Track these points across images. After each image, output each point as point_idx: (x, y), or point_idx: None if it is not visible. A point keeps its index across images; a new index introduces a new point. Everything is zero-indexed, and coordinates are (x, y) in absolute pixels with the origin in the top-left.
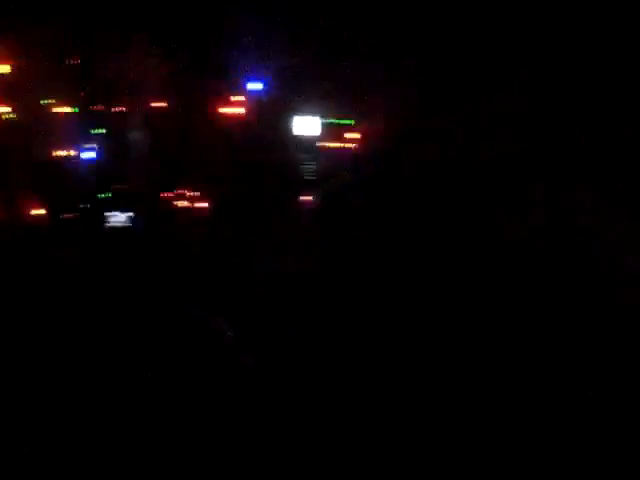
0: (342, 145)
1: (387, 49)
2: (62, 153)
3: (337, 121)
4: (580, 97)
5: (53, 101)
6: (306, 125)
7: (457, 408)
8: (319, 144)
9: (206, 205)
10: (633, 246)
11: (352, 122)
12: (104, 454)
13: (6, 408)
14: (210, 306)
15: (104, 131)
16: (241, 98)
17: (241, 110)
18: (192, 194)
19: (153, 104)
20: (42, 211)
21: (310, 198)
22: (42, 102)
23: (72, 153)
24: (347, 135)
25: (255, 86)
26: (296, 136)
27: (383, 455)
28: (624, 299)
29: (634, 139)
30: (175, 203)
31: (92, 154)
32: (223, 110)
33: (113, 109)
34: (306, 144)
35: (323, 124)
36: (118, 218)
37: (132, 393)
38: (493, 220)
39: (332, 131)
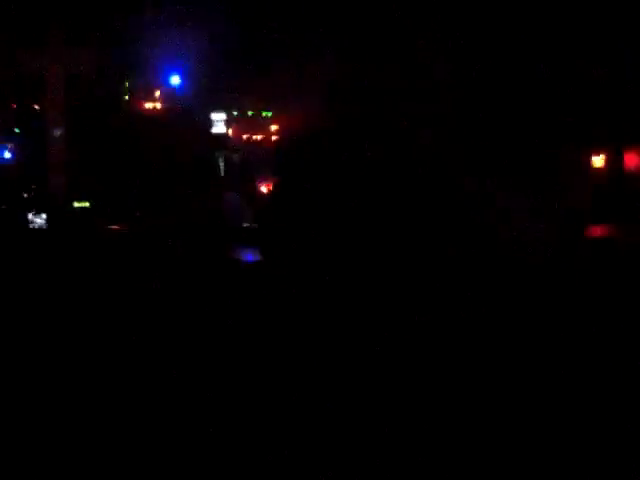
0: (262, 138)
1: (307, 37)
2: None
3: (256, 113)
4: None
5: None
6: (220, 121)
7: (454, 396)
8: (235, 140)
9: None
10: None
11: (270, 114)
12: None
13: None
14: None
15: (18, 130)
16: (159, 94)
17: (159, 106)
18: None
19: (73, 102)
20: None
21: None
22: None
23: None
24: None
25: (174, 81)
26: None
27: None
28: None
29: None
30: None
31: (8, 154)
32: (143, 107)
33: (31, 107)
34: (221, 141)
35: (242, 117)
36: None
37: None
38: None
39: (251, 124)
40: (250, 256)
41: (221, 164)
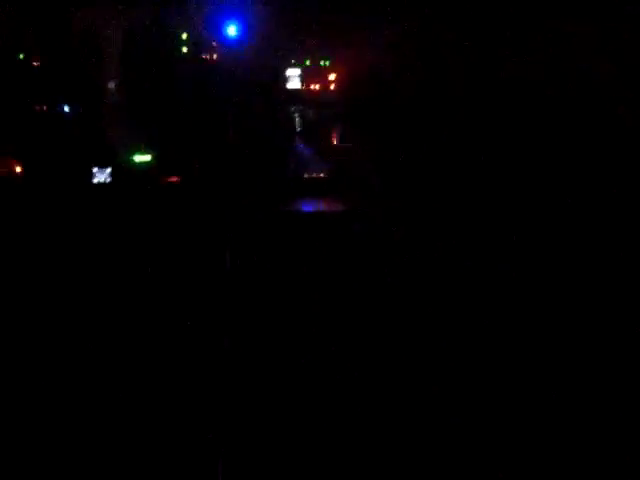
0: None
1: None
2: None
3: (315, 63)
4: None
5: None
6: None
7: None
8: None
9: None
10: None
11: (327, 63)
12: None
13: None
14: None
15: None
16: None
17: (216, 57)
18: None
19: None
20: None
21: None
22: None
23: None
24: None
25: (231, 32)
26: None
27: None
28: None
29: None
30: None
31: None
32: (201, 58)
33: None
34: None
35: (300, 66)
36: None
37: None
38: None
39: (309, 73)
40: (309, 207)
41: (296, 119)
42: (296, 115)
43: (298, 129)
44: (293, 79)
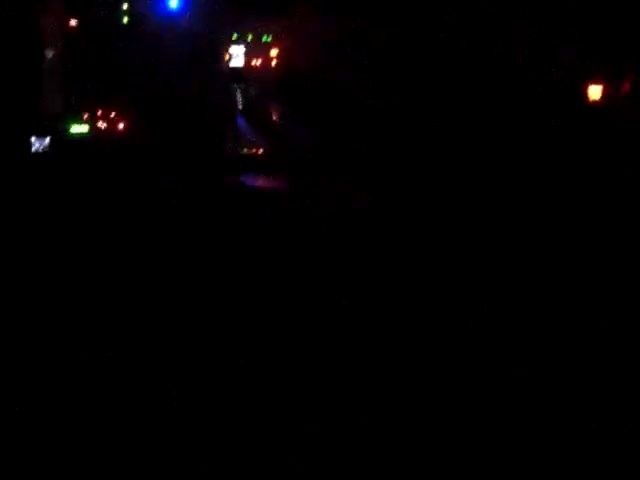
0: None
1: None
2: None
3: (256, 38)
4: None
5: None
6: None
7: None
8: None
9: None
10: None
11: (269, 39)
12: None
13: None
14: None
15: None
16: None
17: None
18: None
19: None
20: None
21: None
22: None
23: None
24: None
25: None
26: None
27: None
28: None
29: None
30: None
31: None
32: (140, 30)
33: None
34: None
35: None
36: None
37: None
38: None
39: (251, 49)
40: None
41: (238, 96)
42: (238, 92)
43: (240, 106)
44: (236, 56)
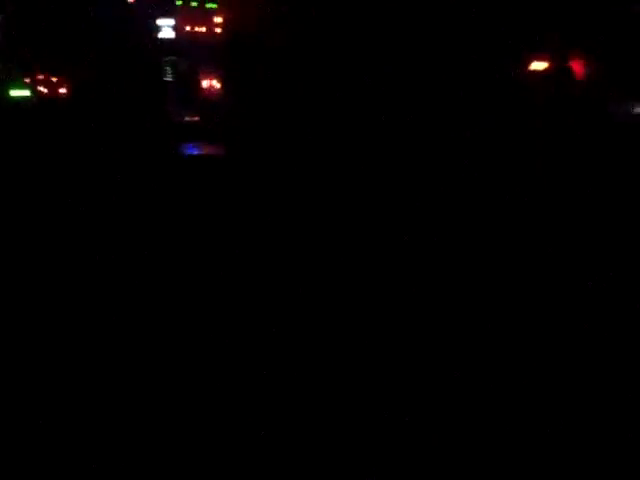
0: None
1: None
2: None
3: (200, 4)
4: None
5: None
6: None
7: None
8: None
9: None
10: None
11: (215, 6)
12: None
13: None
14: None
15: None
16: None
17: None
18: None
19: None
20: None
21: None
22: None
23: None
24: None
25: None
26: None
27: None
28: None
29: None
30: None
31: None
32: None
33: None
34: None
35: (185, 6)
36: None
37: None
38: None
39: (194, 15)
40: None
41: (168, 69)
42: (169, 64)
43: (170, 78)
44: (165, 28)
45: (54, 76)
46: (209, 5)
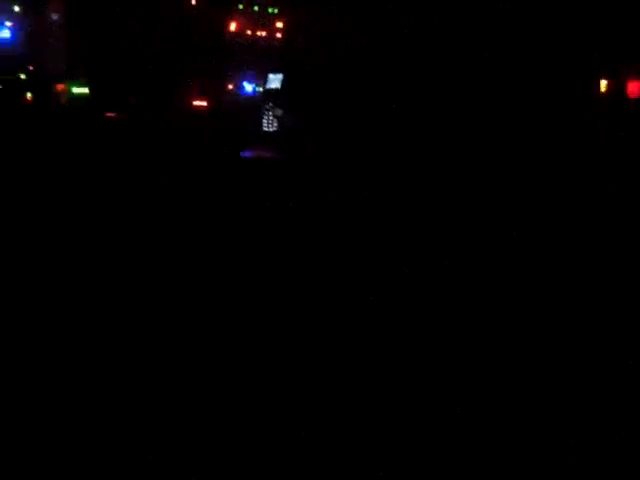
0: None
1: None
2: None
3: (262, 9)
4: None
5: None
6: None
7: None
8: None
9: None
10: None
11: (276, 11)
12: None
13: None
14: None
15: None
16: None
17: None
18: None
19: None
20: None
21: None
22: None
23: None
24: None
25: None
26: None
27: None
28: None
29: None
30: None
31: (7, 32)
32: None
33: None
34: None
35: (247, 11)
36: None
37: None
38: None
39: (256, 19)
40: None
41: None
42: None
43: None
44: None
45: (112, 76)
46: (271, 10)
